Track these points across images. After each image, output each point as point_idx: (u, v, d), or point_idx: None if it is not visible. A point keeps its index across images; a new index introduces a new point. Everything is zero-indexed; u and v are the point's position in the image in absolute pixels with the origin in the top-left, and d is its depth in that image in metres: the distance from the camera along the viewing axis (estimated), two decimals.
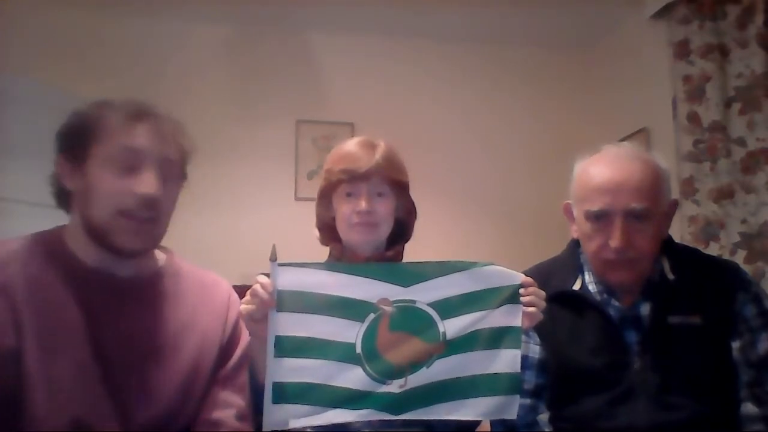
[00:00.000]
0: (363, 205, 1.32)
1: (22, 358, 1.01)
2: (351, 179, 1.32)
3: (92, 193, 1.10)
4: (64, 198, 1.16)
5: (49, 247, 1.13)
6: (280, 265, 1.13)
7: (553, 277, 1.38)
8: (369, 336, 1.14)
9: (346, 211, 1.34)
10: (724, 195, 2.43)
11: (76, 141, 1.12)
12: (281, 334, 1.12)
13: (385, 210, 1.35)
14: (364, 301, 1.15)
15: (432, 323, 1.16)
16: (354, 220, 1.33)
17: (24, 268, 1.08)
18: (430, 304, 1.16)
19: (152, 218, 1.12)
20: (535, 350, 1.37)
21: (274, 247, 1.13)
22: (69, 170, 1.13)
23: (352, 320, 1.14)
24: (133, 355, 1.10)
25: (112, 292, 1.13)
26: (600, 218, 1.31)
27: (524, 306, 1.15)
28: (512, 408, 1.14)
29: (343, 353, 1.13)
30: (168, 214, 1.17)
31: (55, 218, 1.24)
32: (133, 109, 1.13)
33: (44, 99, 2.48)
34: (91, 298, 1.10)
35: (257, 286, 1.12)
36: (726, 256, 2.34)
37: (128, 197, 1.09)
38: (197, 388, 1.16)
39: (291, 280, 1.13)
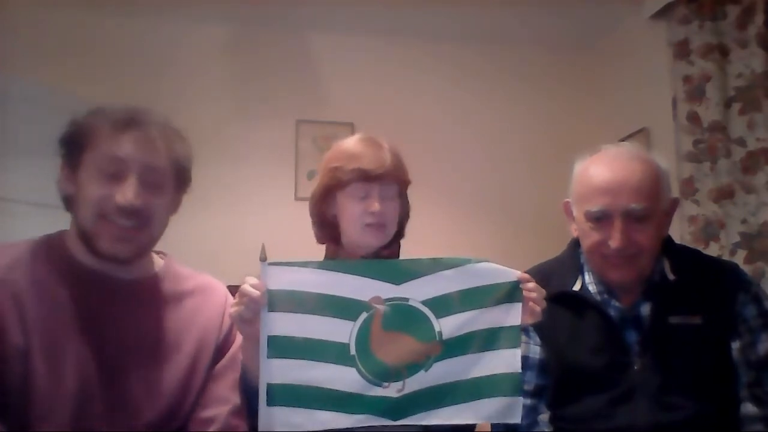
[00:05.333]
0: (377, 206, 1.31)
1: (28, 355, 1.05)
2: (365, 180, 1.32)
3: (80, 198, 1.14)
4: (67, 202, 1.19)
5: (51, 250, 1.17)
6: (270, 264, 1.12)
7: (553, 277, 1.38)
8: (362, 335, 1.13)
9: (357, 211, 1.33)
10: (724, 195, 2.43)
11: (71, 148, 1.17)
12: (273, 334, 1.10)
13: (392, 212, 1.36)
14: (356, 300, 1.13)
15: (426, 322, 1.14)
16: (367, 220, 1.32)
17: (29, 270, 1.12)
18: (424, 302, 1.14)
19: (135, 226, 1.14)
20: (535, 351, 1.37)
21: (263, 246, 1.12)
22: (66, 175, 1.18)
23: (344, 319, 1.13)
24: (134, 353, 1.13)
25: (111, 293, 1.16)
26: (600, 218, 1.31)
27: (529, 302, 1.13)
28: (515, 411, 1.12)
29: (337, 354, 1.12)
30: (158, 222, 1.19)
31: (55, 218, 1.26)
32: (123, 117, 1.16)
33: (45, 99, 2.48)
34: (91, 297, 1.13)
35: (246, 287, 1.11)
36: (726, 256, 2.34)
37: (108, 204, 1.12)
38: (195, 386, 1.18)
39: (281, 279, 1.12)
